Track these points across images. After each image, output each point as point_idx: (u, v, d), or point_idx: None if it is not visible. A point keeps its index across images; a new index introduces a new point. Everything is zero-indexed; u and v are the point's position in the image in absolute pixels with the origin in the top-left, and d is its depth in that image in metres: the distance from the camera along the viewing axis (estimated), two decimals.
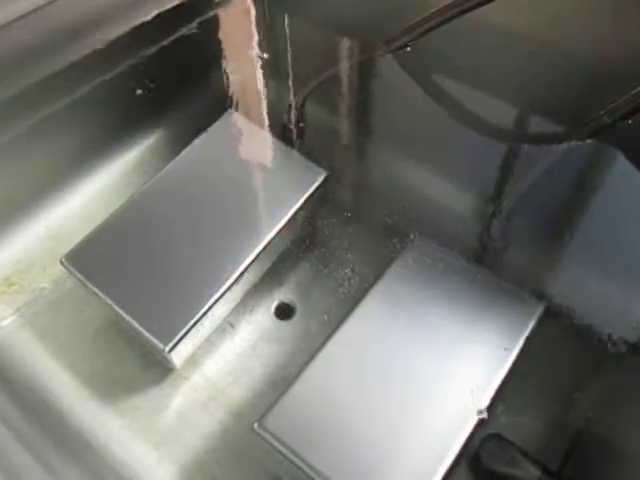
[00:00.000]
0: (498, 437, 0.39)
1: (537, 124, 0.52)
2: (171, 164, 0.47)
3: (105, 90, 0.52)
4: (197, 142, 0.49)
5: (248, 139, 0.50)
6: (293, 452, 0.35)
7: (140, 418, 0.42)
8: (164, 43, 0.54)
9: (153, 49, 0.54)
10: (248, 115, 0.50)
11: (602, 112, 0.45)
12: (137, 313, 0.41)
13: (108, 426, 0.42)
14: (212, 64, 0.58)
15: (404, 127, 0.56)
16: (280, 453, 0.35)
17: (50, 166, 0.51)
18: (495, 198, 0.50)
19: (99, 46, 0.49)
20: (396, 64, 0.53)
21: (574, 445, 0.39)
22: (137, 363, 0.44)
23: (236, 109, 0.50)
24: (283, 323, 0.46)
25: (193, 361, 0.44)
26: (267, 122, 0.49)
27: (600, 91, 0.47)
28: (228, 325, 0.46)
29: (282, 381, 0.42)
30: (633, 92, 0.44)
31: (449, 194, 0.52)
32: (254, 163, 0.48)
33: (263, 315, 0.47)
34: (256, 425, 0.36)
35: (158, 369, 0.44)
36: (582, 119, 0.47)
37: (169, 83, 0.56)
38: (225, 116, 0.50)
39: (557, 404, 0.41)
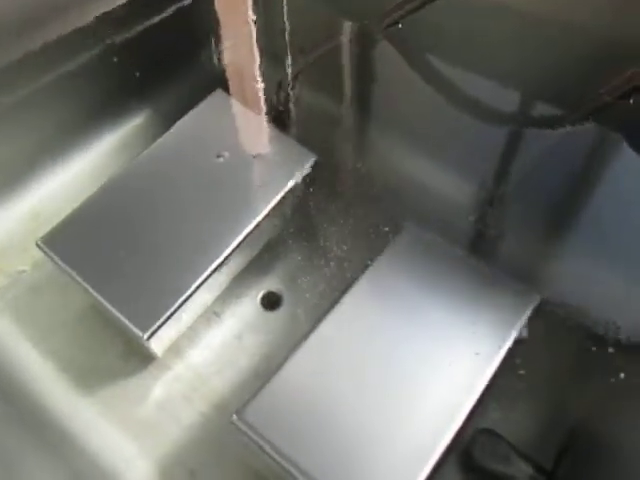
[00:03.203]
0: (490, 432, 0.38)
1: (534, 105, 0.51)
2: (154, 145, 0.46)
3: (90, 68, 0.50)
4: (182, 122, 0.47)
5: (235, 120, 0.48)
6: (273, 446, 0.34)
7: (119, 408, 0.41)
8: (153, 20, 0.53)
9: (141, 26, 0.52)
10: (236, 95, 0.48)
11: (602, 91, 0.44)
12: (115, 298, 0.40)
13: (85, 415, 0.41)
14: (200, 42, 0.57)
15: (397, 108, 0.55)
16: (259, 446, 0.34)
17: (33, 145, 0.50)
18: (490, 184, 0.49)
19: (82, 23, 0.48)
20: (386, 41, 0.51)
21: (569, 444, 0.38)
22: (118, 351, 0.43)
23: (224, 88, 0.49)
24: (269, 313, 0.45)
25: (176, 350, 0.43)
26: (256, 102, 0.47)
27: (600, 68, 0.45)
28: (213, 314, 0.45)
29: (267, 373, 0.41)
30: (634, 69, 0.42)
31: (443, 180, 0.50)
32: (240, 145, 0.47)
33: (249, 304, 0.46)
34: (235, 417, 0.35)
35: (139, 357, 0.43)
36: (581, 99, 0.46)
37: (156, 61, 0.55)
38: (212, 96, 0.49)
39: (551, 401, 0.40)
